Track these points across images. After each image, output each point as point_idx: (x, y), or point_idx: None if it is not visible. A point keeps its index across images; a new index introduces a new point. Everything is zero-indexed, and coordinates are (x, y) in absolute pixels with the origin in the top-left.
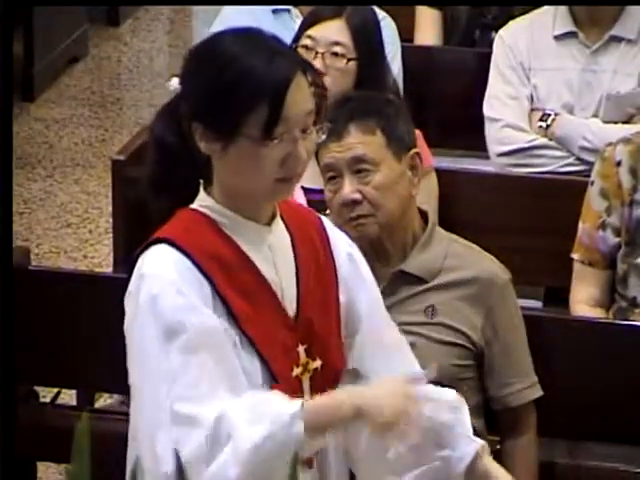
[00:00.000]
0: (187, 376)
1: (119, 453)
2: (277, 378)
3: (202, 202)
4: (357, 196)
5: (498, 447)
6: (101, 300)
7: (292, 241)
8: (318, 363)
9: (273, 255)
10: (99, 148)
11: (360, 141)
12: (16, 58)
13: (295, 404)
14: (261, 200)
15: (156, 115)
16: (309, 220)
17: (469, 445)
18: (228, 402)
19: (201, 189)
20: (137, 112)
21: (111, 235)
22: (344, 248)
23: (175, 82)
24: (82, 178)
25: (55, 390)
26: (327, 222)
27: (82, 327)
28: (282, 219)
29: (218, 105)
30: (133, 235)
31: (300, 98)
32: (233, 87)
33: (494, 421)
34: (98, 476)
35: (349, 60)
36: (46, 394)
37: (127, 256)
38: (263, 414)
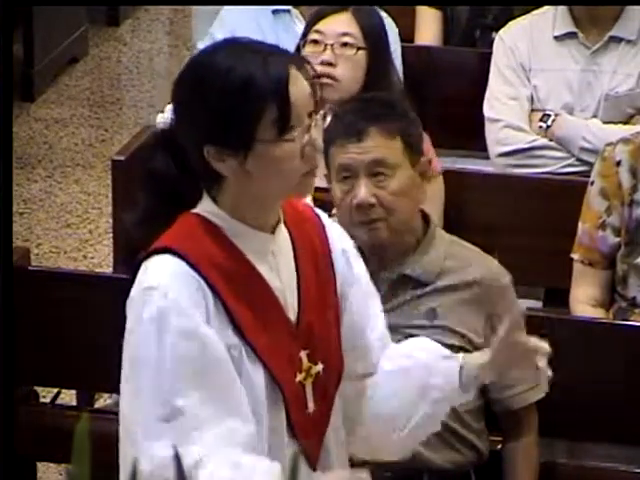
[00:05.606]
0: (190, 398)
1: (119, 453)
2: (281, 385)
3: (206, 208)
4: (373, 200)
5: (499, 447)
6: (101, 300)
7: (293, 244)
8: (320, 367)
9: (276, 262)
10: (99, 148)
11: (381, 144)
12: (16, 58)
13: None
14: (287, 197)
15: (150, 150)
16: (308, 218)
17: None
18: (216, 450)
19: (205, 195)
20: (137, 112)
21: (111, 235)
22: (340, 244)
23: (163, 116)
24: (82, 178)
25: (55, 390)
26: (325, 219)
27: (82, 327)
28: (283, 220)
29: (228, 121)
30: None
31: (300, 87)
32: (238, 99)
33: (495, 422)
34: (98, 476)
35: (358, 49)
36: (46, 394)
37: (127, 257)
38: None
